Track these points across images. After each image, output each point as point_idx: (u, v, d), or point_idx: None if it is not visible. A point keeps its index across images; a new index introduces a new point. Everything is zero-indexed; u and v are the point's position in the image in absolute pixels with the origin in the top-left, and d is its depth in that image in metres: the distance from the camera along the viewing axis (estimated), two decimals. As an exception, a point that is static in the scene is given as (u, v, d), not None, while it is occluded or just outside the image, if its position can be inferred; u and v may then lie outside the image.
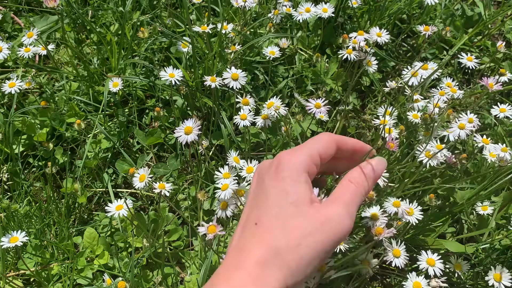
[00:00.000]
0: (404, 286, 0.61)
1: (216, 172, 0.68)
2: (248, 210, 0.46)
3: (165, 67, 0.83)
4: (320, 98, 0.77)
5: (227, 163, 0.69)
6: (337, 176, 0.49)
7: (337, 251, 0.63)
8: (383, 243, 0.59)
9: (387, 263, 0.62)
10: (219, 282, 0.42)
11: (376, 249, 0.67)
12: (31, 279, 0.79)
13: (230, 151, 0.70)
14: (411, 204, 0.66)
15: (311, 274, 0.43)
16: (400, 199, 0.65)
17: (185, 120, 0.67)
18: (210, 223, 0.58)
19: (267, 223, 0.43)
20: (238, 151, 0.72)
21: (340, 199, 0.45)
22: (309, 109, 0.76)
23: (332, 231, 0.43)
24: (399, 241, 0.63)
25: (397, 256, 0.62)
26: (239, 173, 0.68)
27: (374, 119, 0.78)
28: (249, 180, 0.68)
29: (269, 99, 0.79)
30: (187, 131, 0.66)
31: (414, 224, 0.63)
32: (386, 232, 0.57)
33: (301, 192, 0.44)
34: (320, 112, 0.77)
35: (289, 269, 0.41)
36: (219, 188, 0.65)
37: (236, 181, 0.67)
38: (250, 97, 0.79)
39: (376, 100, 1.02)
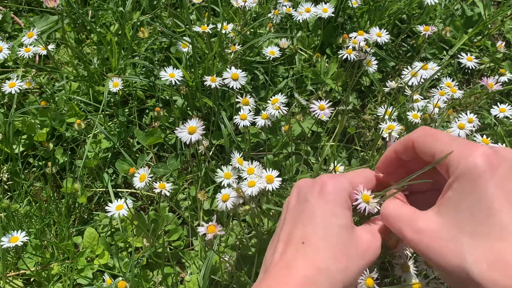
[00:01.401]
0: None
1: (217, 170, 0.68)
2: (290, 226, 0.46)
3: (165, 67, 0.83)
4: (324, 100, 0.77)
5: (230, 163, 0.69)
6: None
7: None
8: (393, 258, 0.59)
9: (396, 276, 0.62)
10: None
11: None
12: (31, 279, 0.79)
13: (233, 152, 0.70)
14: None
15: None
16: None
17: (187, 120, 0.67)
18: (210, 223, 0.58)
19: (315, 243, 0.43)
20: (241, 152, 0.72)
21: (374, 229, 0.48)
22: (313, 111, 0.77)
23: (370, 259, 0.45)
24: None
25: (407, 270, 0.62)
26: (240, 175, 0.68)
27: (380, 123, 0.78)
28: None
29: (270, 98, 0.79)
30: (191, 130, 0.66)
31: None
32: (401, 246, 0.56)
33: (348, 216, 0.45)
34: (325, 115, 0.77)
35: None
36: (219, 186, 0.65)
37: (236, 181, 0.67)
38: (250, 97, 0.79)
39: (376, 100, 1.02)
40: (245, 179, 0.67)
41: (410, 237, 0.42)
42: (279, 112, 0.76)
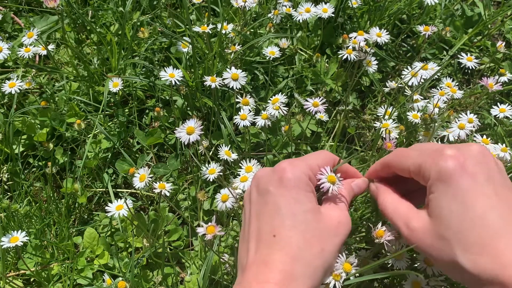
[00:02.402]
0: (403, 286, 0.61)
1: (202, 167, 0.69)
2: (258, 222, 0.46)
3: (165, 67, 0.83)
4: (319, 97, 0.77)
5: (218, 156, 0.70)
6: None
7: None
8: (386, 247, 0.59)
9: (388, 265, 0.62)
10: None
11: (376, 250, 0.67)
12: (31, 279, 0.79)
13: (221, 145, 0.70)
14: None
15: (332, 268, 0.46)
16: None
17: (186, 120, 0.67)
18: (209, 224, 0.58)
19: (286, 234, 0.43)
20: (229, 146, 0.72)
21: (343, 203, 0.49)
22: (307, 108, 0.77)
23: (343, 233, 0.46)
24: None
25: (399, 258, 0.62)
26: (238, 173, 0.68)
27: (375, 122, 0.78)
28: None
29: (270, 99, 0.79)
30: (189, 131, 0.66)
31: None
32: (387, 235, 0.57)
33: (312, 199, 0.46)
34: (320, 112, 0.77)
35: (316, 275, 0.43)
36: (219, 186, 0.65)
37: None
38: (250, 97, 0.79)
39: (376, 100, 1.02)
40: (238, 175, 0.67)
41: (405, 234, 0.46)
42: (279, 112, 0.76)
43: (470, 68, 0.86)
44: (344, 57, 0.85)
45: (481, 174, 0.41)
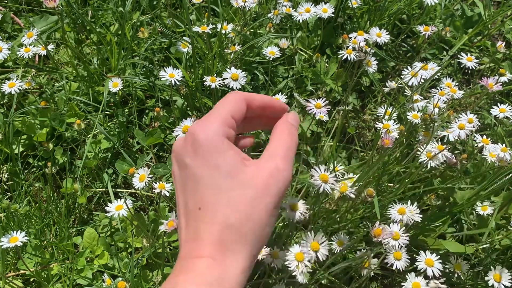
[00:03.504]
0: (403, 287, 0.61)
1: None
2: (183, 198, 0.44)
3: (165, 67, 0.83)
4: (321, 98, 0.77)
5: None
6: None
7: (336, 251, 0.63)
8: (384, 246, 0.59)
9: (388, 265, 0.62)
10: (182, 276, 0.39)
11: (376, 248, 0.67)
12: (31, 279, 0.79)
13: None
14: (411, 205, 0.66)
15: (271, 229, 0.43)
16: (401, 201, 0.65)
17: (183, 119, 0.67)
18: (169, 219, 0.59)
19: (210, 204, 0.41)
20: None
21: (276, 153, 0.43)
22: (310, 109, 0.76)
23: (276, 187, 0.42)
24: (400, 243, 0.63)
25: (398, 258, 0.62)
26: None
27: (376, 123, 0.78)
28: None
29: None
30: (185, 130, 0.66)
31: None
32: (385, 234, 0.57)
33: (231, 160, 0.42)
34: (321, 113, 0.77)
35: (249, 241, 0.40)
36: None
37: None
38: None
39: (376, 100, 1.02)
40: None
41: None
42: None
43: (470, 68, 0.86)
44: (344, 57, 0.85)
45: None
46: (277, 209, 0.42)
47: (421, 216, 0.65)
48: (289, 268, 0.54)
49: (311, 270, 0.55)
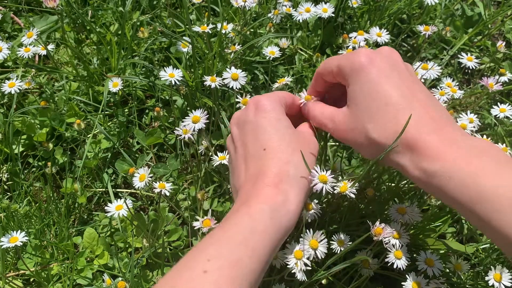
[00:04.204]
0: (403, 286, 0.61)
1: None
2: (244, 148, 0.51)
3: (165, 67, 0.83)
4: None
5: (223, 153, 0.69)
6: None
7: (336, 251, 0.63)
8: (384, 245, 0.59)
9: (388, 264, 0.62)
10: (250, 198, 0.46)
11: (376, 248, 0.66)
12: (31, 279, 0.79)
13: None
14: (412, 205, 0.66)
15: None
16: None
17: (192, 111, 0.69)
18: (205, 217, 0.58)
19: (274, 145, 0.49)
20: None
21: (311, 127, 0.57)
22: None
23: (314, 148, 0.54)
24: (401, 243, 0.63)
25: (399, 257, 0.62)
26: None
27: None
28: None
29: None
30: (195, 120, 0.68)
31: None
32: (386, 233, 0.56)
33: (288, 119, 0.53)
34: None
35: (304, 176, 0.49)
36: (219, 186, 0.65)
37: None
38: (250, 97, 0.79)
39: (376, 100, 1.02)
40: None
41: (331, 127, 0.53)
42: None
43: (470, 68, 0.86)
44: (344, 57, 0.85)
45: (387, 65, 0.48)
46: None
47: (422, 215, 0.65)
48: (288, 266, 0.54)
49: (310, 268, 0.55)
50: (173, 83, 0.81)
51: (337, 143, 0.88)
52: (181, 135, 0.69)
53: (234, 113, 0.54)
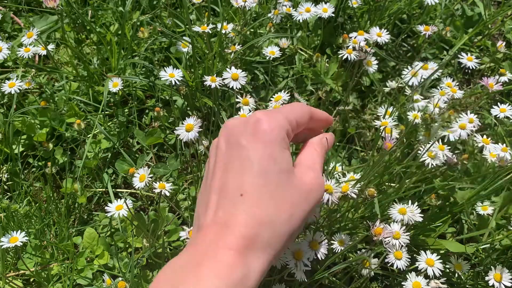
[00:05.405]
0: (403, 286, 0.61)
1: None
2: (224, 176, 0.41)
3: (165, 67, 0.83)
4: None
5: None
6: None
7: (336, 251, 0.63)
8: (384, 245, 0.59)
9: (388, 264, 0.62)
10: (205, 270, 0.36)
11: (377, 248, 0.66)
12: (31, 279, 0.79)
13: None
14: (412, 205, 0.66)
15: (294, 239, 0.44)
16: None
17: (186, 118, 0.67)
18: (191, 228, 0.58)
19: (255, 193, 0.39)
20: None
21: (316, 166, 0.44)
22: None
23: (314, 200, 0.42)
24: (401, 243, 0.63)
25: (399, 258, 0.62)
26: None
27: (375, 120, 0.78)
28: None
29: (271, 98, 0.79)
30: (188, 128, 0.67)
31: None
32: (385, 233, 0.56)
33: (287, 158, 0.41)
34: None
35: (281, 242, 0.39)
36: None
37: None
38: (250, 97, 0.79)
39: (376, 100, 1.02)
40: None
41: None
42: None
43: (471, 68, 0.86)
44: (344, 57, 0.85)
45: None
46: (306, 220, 0.42)
47: (422, 216, 0.65)
48: (287, 266, 0.54)
49: (310, 269, 0.55)
50: (173, 83, 0.81)
51: (337, 144, 0.88)
52: (180, 135, 0.69)
53: (230, 120, 0.43)
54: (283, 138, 0.42)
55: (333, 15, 0.93)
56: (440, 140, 0.72)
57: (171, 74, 0.82)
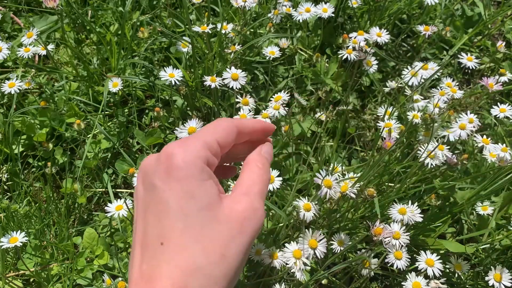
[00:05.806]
0: (403, 286, 0.61)
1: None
2: (143, 224, 0.37)
3: (165, 67, 0.83)
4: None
5: None
6: None
7: (336, 251, 0.63)
8: (384, 245, 0.59)
9: (388, 264, 0.62)
10: None
11: (377, 248, 0.66)
12: (31, 279, 0.79)
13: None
14: (412, 205, 0.66)
15: (241, 271, 0.39)
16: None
17: (186, 120, 0.67)
18: None
19: (176, 240, 0.35)
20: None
21: (252, 190, 0.39)
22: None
23: (252, 228, 0.37)
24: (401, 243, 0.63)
25: (399, 258, 0.62)
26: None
27: (378, 122, 0.78)
28: None
29: (271, 98, 0.79)
30: (191, 131, 0.67)
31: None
32: (385, 233, 0.57)
33: (209, 191, 0.36)
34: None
35: (218, 286, 0.35)
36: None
37: None
38: (250, 97, 0.79)
39: (376, 100, 1.02)
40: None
41: None
42: (279, 112, 0.76)
43: (470, 68, 0.86)
44: (344, 57, 0.85)
45: None
46: (249, 251, 0.38)
47: (422, 216, 0.65)
48: (287, 265, 0.54)
49: (309, 267, 0.55)
50: (173, 83, 0.81)
51: (337, 144, 0.88)
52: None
53: (144, 159, 0.39)
54: (201, 170, 0.37)
55: (333, 15, 0.93)
56: (440, 140, 0.72)
57: (171, 74, 0.82)
